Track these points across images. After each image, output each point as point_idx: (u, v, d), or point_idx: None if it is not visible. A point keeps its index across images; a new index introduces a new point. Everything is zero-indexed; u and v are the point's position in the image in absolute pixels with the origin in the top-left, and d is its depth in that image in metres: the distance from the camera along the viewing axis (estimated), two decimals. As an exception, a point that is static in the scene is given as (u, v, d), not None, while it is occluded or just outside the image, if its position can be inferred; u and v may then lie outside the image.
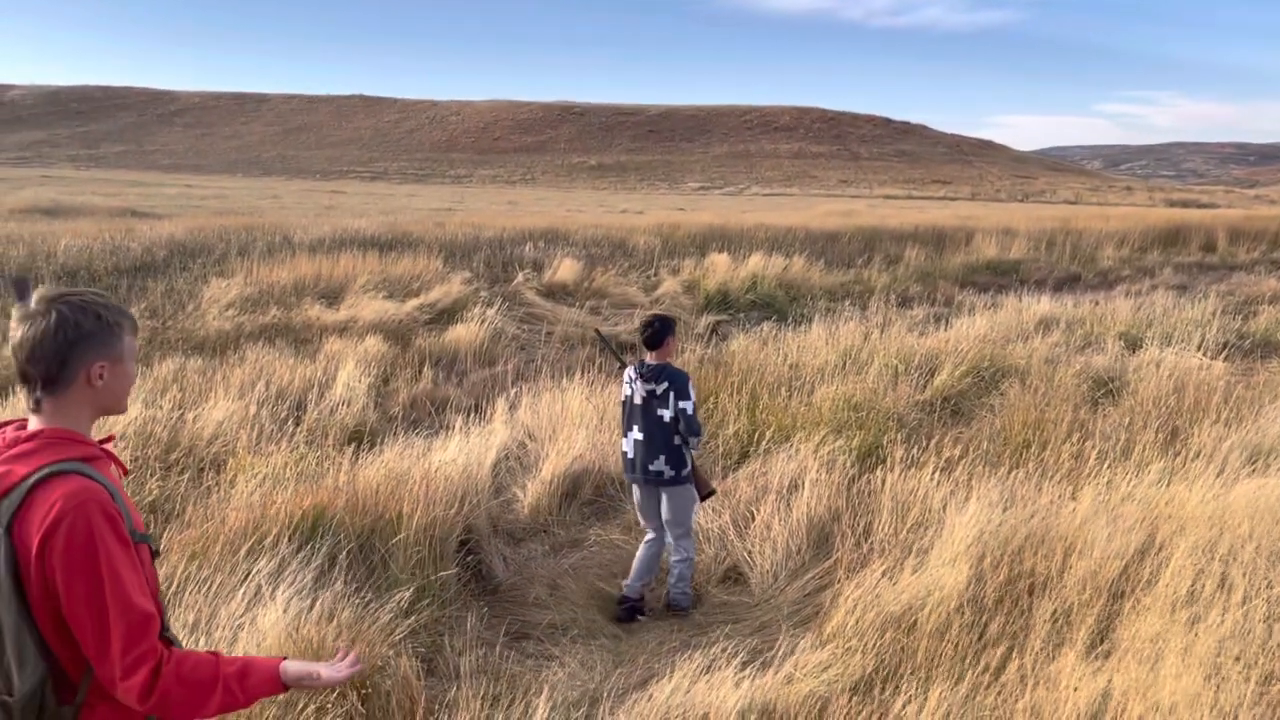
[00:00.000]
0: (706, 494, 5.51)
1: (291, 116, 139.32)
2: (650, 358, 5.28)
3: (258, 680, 2.03)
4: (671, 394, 5.18)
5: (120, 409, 2.10)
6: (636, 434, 5.30)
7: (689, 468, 5.32)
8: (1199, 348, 10.93)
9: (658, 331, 5.26)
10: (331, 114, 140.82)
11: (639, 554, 5.45)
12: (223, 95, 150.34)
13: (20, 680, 1.86)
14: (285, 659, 2.09)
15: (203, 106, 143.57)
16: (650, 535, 5.49)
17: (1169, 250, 25.92)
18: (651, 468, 5.26)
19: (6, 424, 2.05)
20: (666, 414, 5.20)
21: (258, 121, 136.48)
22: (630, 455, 5.35)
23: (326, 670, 2.11)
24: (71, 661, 1.92)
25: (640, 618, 5.22)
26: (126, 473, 2.17)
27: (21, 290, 2.17)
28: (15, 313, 1.99)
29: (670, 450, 5.24)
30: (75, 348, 1.95)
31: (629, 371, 5.37)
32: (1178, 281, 21.15)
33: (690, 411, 5.19)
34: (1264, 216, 33.91)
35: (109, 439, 2.11)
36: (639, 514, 5.56)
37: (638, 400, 5.28)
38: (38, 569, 1.86)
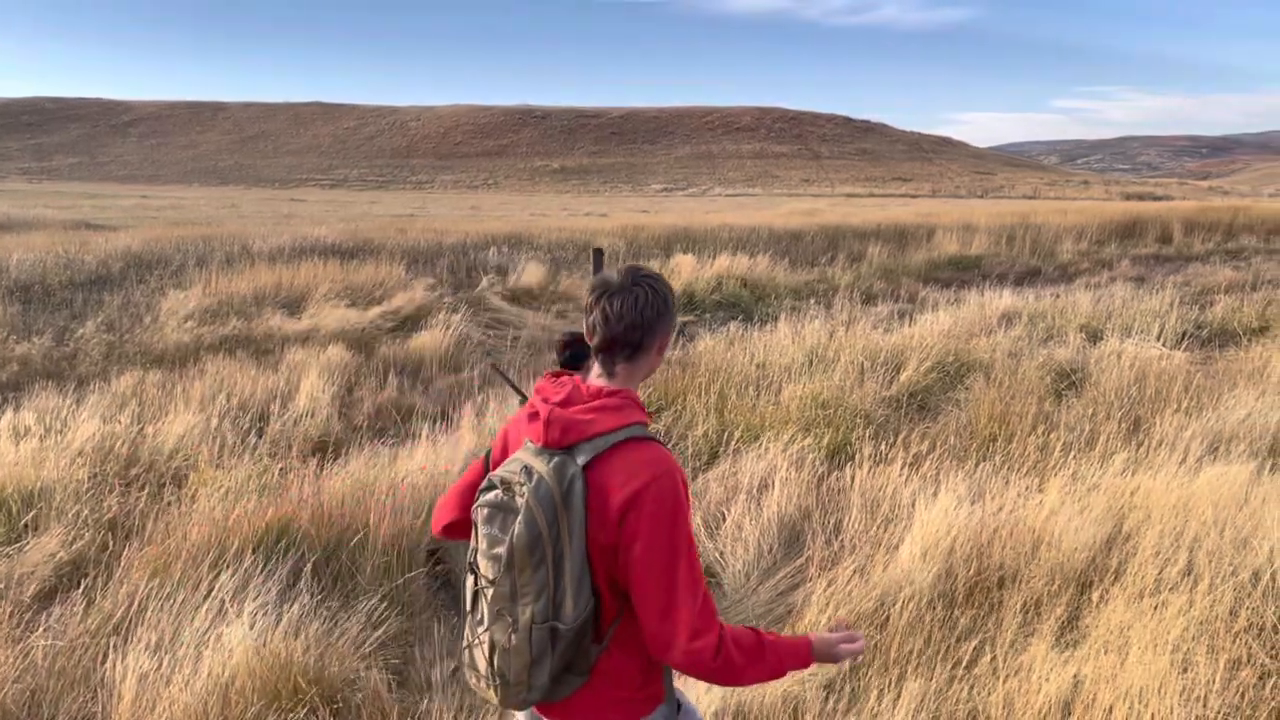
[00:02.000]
0: None
1: (249, 124, 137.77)
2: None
3: (790, 652, 2.10)
4: None
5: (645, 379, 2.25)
6: None
7: None
8: (1158, 338, 11.08)
9: (575, 354, 4.58)
10: (289, 121, 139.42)
11: None
12: (177, 104, 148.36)
13: (574, 610, 2.00)
14: (812, 635, 2.16)
15: (157, 116, 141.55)
16: None
17: (1126, 243, 26.30)
18: None
19: (558, 374, 2.21)
20: None
21: (214, 130, 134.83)
22: None
23: (845, 647, 2.16)
24: (606, 609, 2.06)
25: None
26: None
27: (598, 262, 2.26)
28: (595, 283, 2.14)
29: None
30: (661, 321, 2.12)
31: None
32: (1135, 273, 21.46)
33: None
34: (1218, 208, 34.51)
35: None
36: None
37: None
38: (614, 523, 1.99)
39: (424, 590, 5.16)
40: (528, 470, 2.03)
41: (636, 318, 2.08)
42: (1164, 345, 10.70)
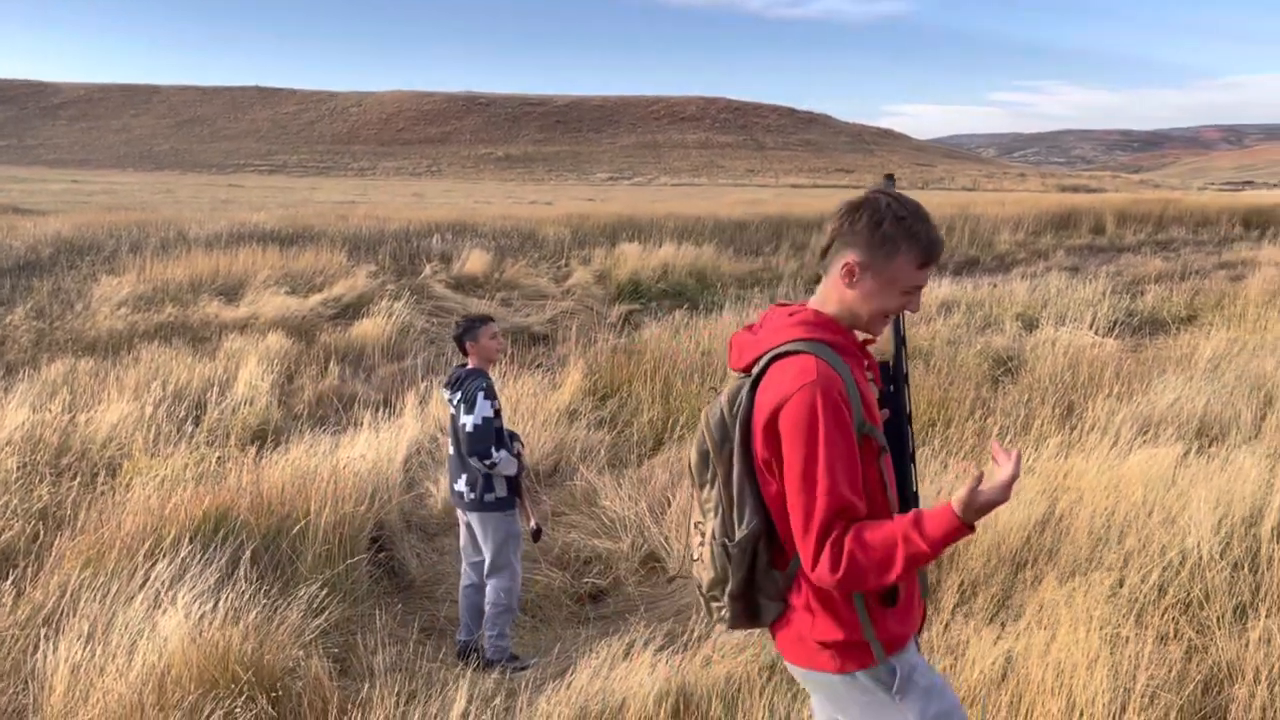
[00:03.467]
0: (534, 534, 4.70)
1: (184, 109, 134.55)
2: (469, 363, 4.70)
3: (935, 522, 1.91)
4: (462, 406, 4.50)
5: (870, 326, 2.17)
6: (450, 449, 4.73)
7: (499, 493, 4.58)
8: (1091, 326, 11.37)
9: (459, 335, 4.71)
10: (227, 106, 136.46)
11: (459, 601, 4.85)
12: (109, 87, 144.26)
13: (739, 528, 2.02)
14: (951, 501, 1.94)
15: (89, 99, 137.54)
16: (465, 580, 4.83)
17: (1061, 234, 26.87)
18: (456, 488, 4.65)
19: (786, 303, 2.22)
20: (460, 428, 4.54)
21: (148, 114, 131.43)
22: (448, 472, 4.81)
23: (987, 492, 1.92)
24: (788, 535, 2.02)
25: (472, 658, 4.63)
26: (879, 382, 2.27)
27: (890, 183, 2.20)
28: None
29: (471, 470, 4.54)
30: (866, 235, 2.09)
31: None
32: (1070, 263, 21.94)
33: (470, 428, 4.40)
34: (1149, 200, 35.43)
35: (869, 341, 2.22)
36: (460, 545, 4.94)
37: (450, 410, 4.67)
38: (762, 438, 2.01)
39: (366, 577, 5.12)
40: (716, 391, 2.15)
41: (837, 226, 2.14)
42: (1096, 333, 10.98)
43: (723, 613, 2.10)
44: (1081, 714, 3.12)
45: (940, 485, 5.29)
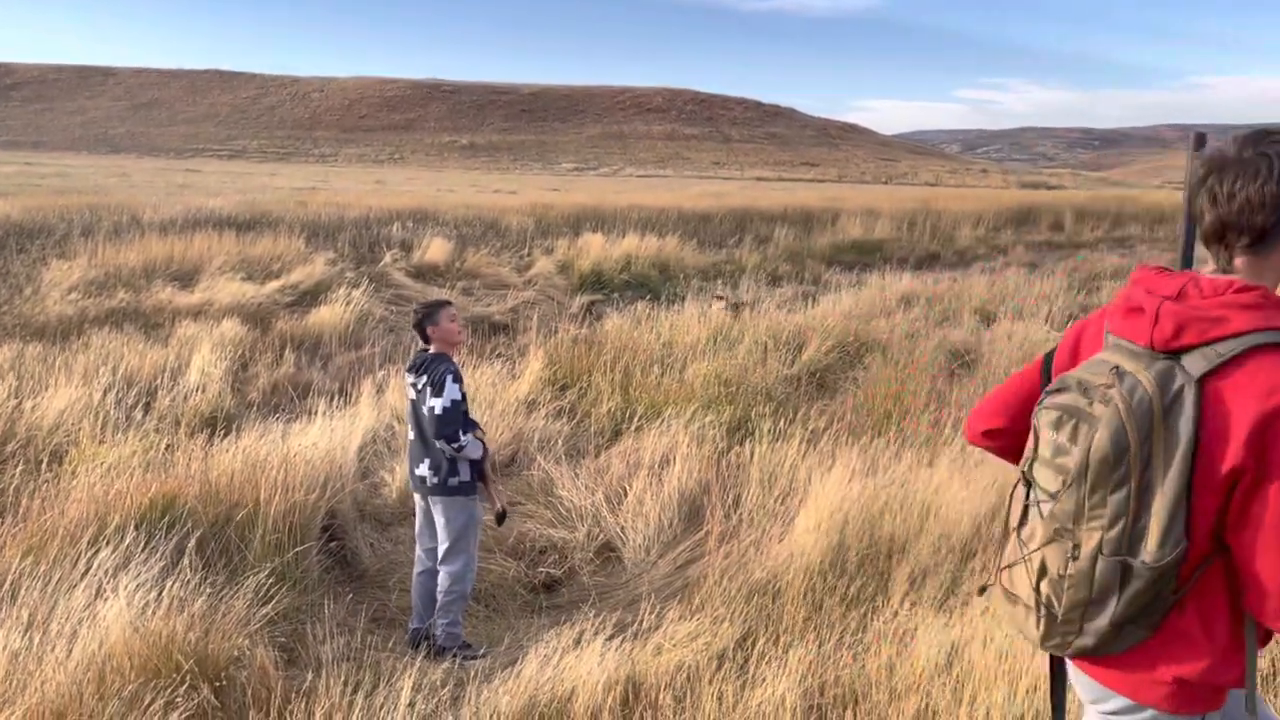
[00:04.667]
0: (498, 516, 4.76)
1: (141, 91, 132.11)
2: (431, 348, 4.69)
3: None
4: (429, 390, 4.50)
5: None
6: (410, 433, 4.71)
7: (462, 477, 4.59)
8: (1047, 320, 11.52)
9: (419, 321, 4.69)
10: (185, 89, 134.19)
11: (413, 588, 4.83)
12: (64, 68, 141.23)
13: (1158, 550, 1.65)
14: None
15: (42, 80, 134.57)
16: (419, 567, 4.80)
17: (1021, 230, 27.21)
18: (417, 472, 4.63)
19: (1163, 269, 1.82)
20: (426, 411, 4.54)
21: (104, 96, 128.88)
22: (407, 458, 4.79)
23: None
24: (1190, 553, 1.68)
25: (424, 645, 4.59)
26: None
27: (1200, 142, 1.81)
28: (1204, 160, 1.75)
29: (435, 454, 4.56)
30: None
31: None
32: (1029, 259, 22.21)
33: (440, 411, 4.42)
34: (1107, 198, 35.97)
35: None
36: (415, 531, 4.90)
37: (411, 395, 4.67)
38: (1242, 448, 1.60)
39: (317, 566, 5.07)
40: (1119, 372, 1.70)
41: (1256, 195, 1.68)
42: (1052, 327, 11.12)
43: (1080, 640, 1.77)
44: (1023, 700, 3.16)
45: (894, 476, 5.33)
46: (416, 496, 4.78)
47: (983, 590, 2.36)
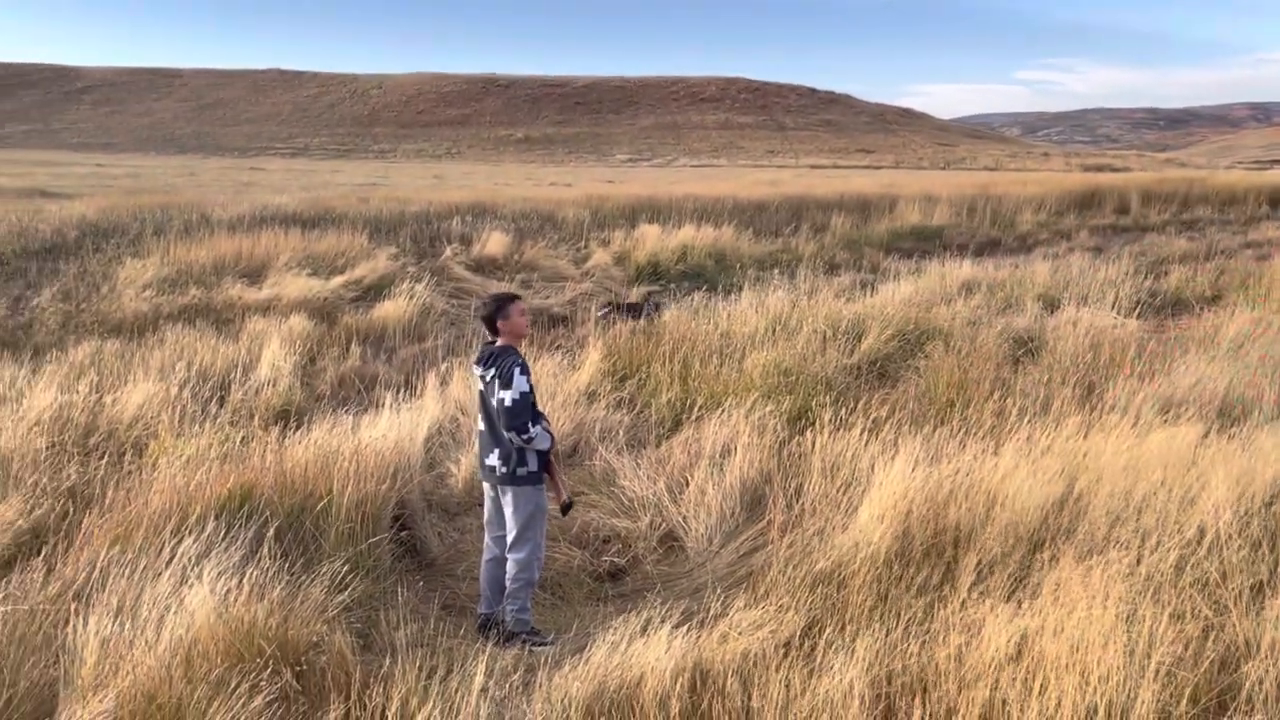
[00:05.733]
0: (563, 505, 4.84)
1: (206, 92, 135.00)
2: (499, 341, 4.74)
3: None
4: (497, 381, 4.58)
5: None
6: (480, 424, 4.80)
7: (531, 467, 4.68)
8: (1113, 307, 11.29)
9: (490, 314, 4.74)
10: (248, 89, 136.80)
11: (481, 575, 4.93)
12: (133, 71, 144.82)
13: None
14: None
15: (112, 83, 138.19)
16: (488, 554, 4.90)
17: (1085, 214, 26.63)
18: (487, 462, 4.72)
19: None
20: (495, 403, 4.61)
21: (170, 98, 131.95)
22: (476, 447, 4.86)
23: None
24: None
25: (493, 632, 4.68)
26: None
27: None
28: None
29: (504, 444, 4.64)
30: None
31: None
32: (1093, 244, 21.76)
33: (510, 403, 4.50)
34: (1174, 179, 35.00)
35: None
36: (484, 519, 4.99)
37: (480, 387, 4.74)
38: None
39: (388, 555, 5.19)
40: None
41: None
42: (1119, 314, 10.91)
43: None
44: (1095, 689, 3.14)
45: (958, 465, 5.29)
46: (486, 485, 4.88)
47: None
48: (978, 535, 4.47)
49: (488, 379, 4.66)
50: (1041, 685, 3.20)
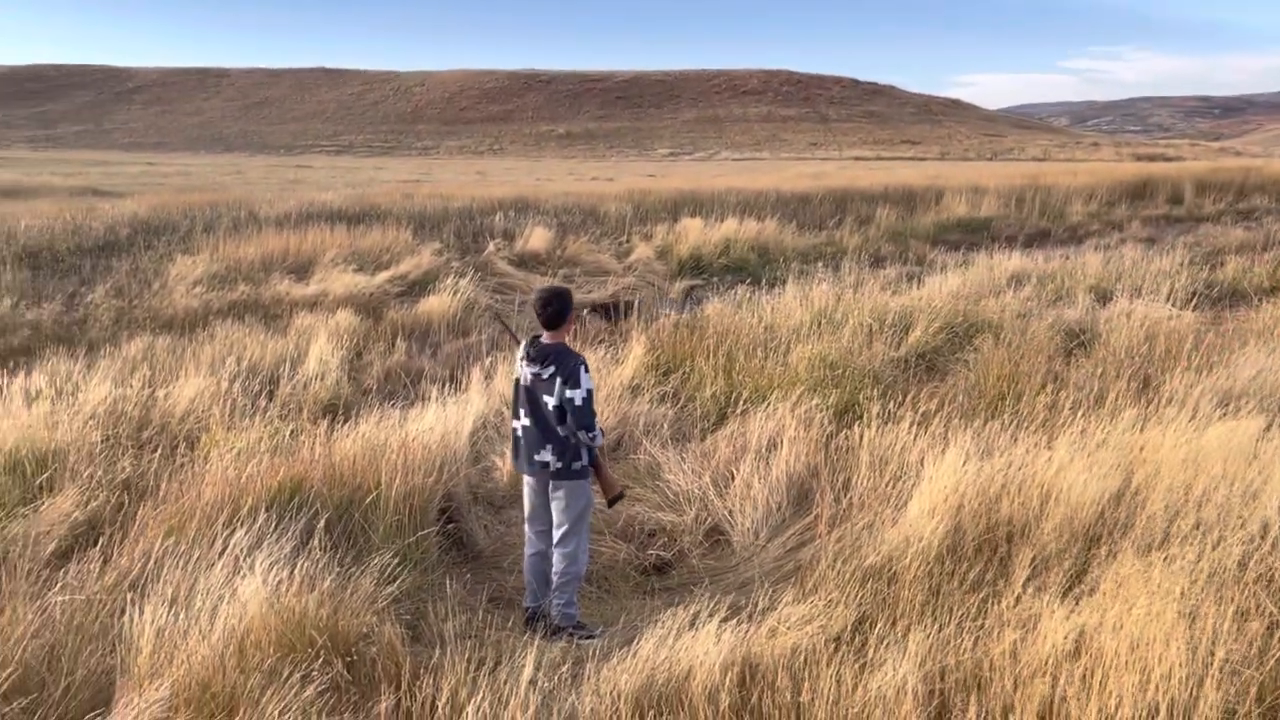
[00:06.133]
0: (613, 498, 4.85)
1: (253, 91, 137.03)
2: (546, 337, 4.69)
3: None
4: (559, 380, 4.57)
5: None
6: (524, 419, 4.73)
7: (583, 461, 4.71)
8: (1168, 298, 11.04)
9: (559, 310, 4.66)
10: (293, 87, 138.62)
11: (525, 569, 4.93)
12: (181, 71, 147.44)
13: None
14: None
15: (161, 83, 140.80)
16: (531, 549, 4.89)
17: (1137, 204, 26.12)
18: (538, 458, 4.69)
19: None
20: (551, 401, 4.59)
21: (218, 97, 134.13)
22: (520, 442, 4.80)
23: None
24: None
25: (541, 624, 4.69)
26: None
27: None
28: None
29: (558, 440, 4.65)
30: None
31: (520, 349, 4.79)
32: (1146, 234, 21.33)
33: (579, 403, 4.54)
34: (1229, 168, 34.21)
35: None
36: (525, 514, 4.95)
37: (526, 382, 4.69)
38: None
39: (435, 548, 5.22)
40: None
41: None
42: (1174, 305, 10.66)
43: None
44: (1157, 688, 3.06)
45: (1011, 458, 5.20)
46: (530, 481, 4.86)
47: None
48: (1032, 530, 4.38)
49: (545, 376, 4.63)
50: (1101, 682, 3.13)
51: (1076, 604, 3.68)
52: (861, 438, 6.03)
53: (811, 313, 9.97)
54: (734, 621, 4.03)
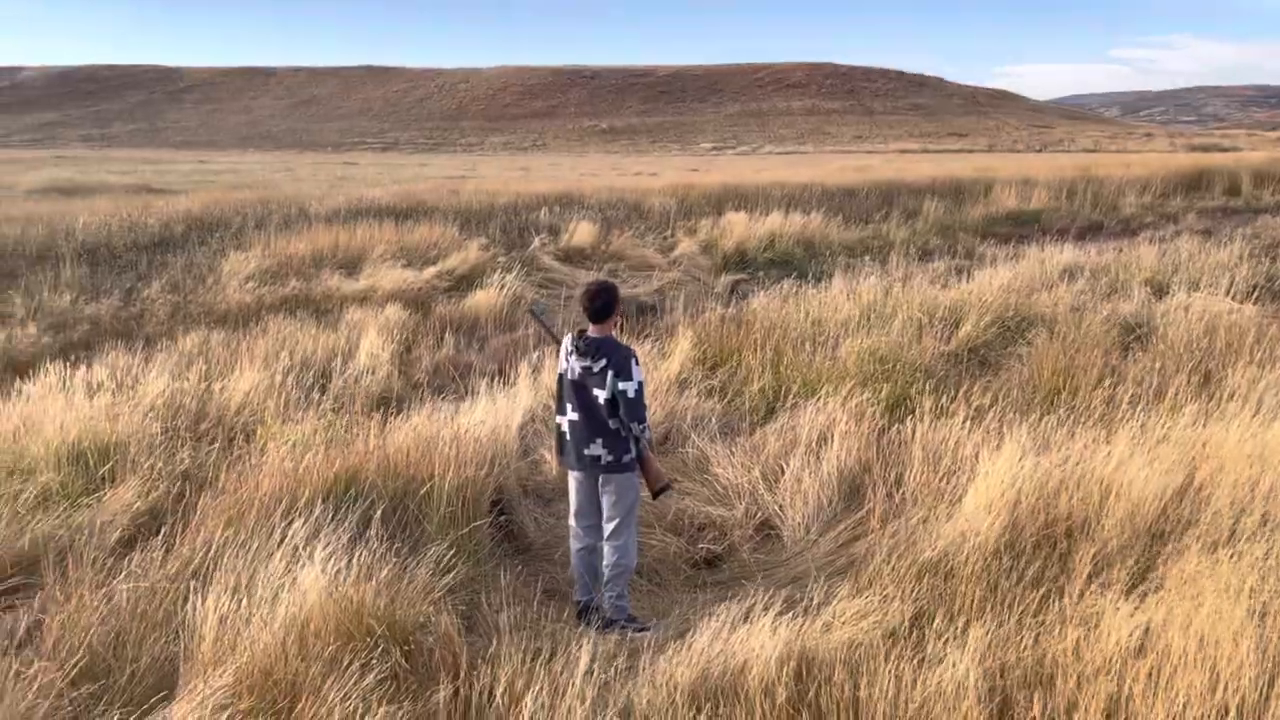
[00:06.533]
0: (660, 489, 4.83)
1: (299, 89, 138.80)
2: (592, 330, 4.70)
3: None
4: (610, 373, 4.57)
5: None
6: (572, 414, 4.72)
7: (632, 455, 4.71)
8: (1228, 291, 10.79)
9: (606, 303, 4.67)
10: (339, 85, 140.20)
11: (574, 565, 4.93)
12: (230, 70, 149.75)
13: None
14: None
15: (211, 83, 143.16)
16: (578, 543, 4.89)
17: (1192, 195, 25.57)
18: (587, 452, 4.69)
19: None
20: (602, 394, 4.59)
21: (266, 96, 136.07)
22: (566, 437, 4.80)
23: None
24: None
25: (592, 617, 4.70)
26: None
27: None
28: None
29: (609, 433, 4.65)
30: None
31: (566, 343, 4.75)
32: (1202, 226, 20.86)
33: (631, 395, 4.56)
34: (1288, 158, 33.33)
35: None
36: (572, 509, 4.95)
37: (574, 376, 4.68)
38: None
39: (488, 539, 5.26)
40: None
41: None
42: (1234, 299, 10.42)
43: None
44: (1226, 686, 3.00)
45: (1068, 454, 5.12)
46: (577, 476, 4.86)
47: None
48: (1092, 526, 4.31)
49: (595, 369, 4.62)
50: (1167, 681, 3.07)
51: (1141, 601, 3.62)
52: (914, 432, 5.98)
53: (859, 307, 9.89)
54: (788, 615, 4.01)
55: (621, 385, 4.57)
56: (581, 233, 16.85)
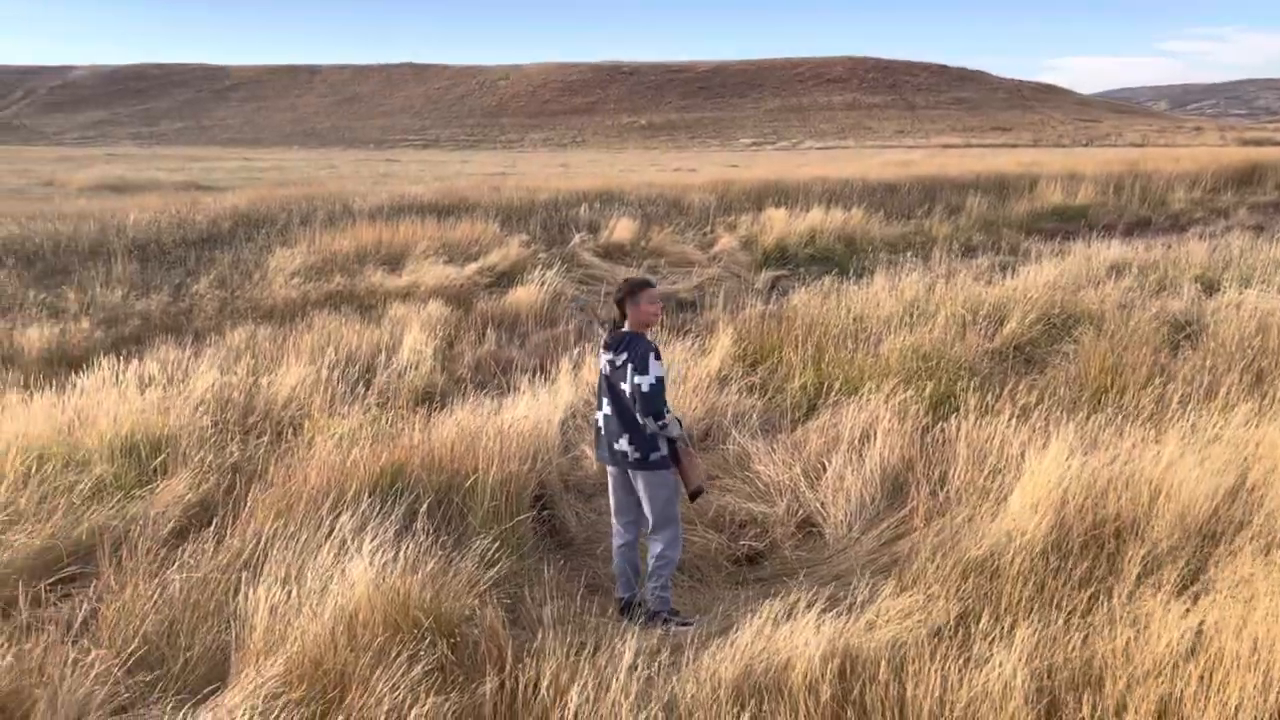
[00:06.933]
0: (695, 492, 4.76)
1: (343, 87, 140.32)
2: (627, 325, 4.74)
3: None
4: (629, 366, 4.59)
5: None
6: (605, 409, 4.76)
7: (661, 452, 4.69)
8: (1281, 289, 10.57)
9: (622, 296, 4.74)
10: (382, 83, 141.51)
11: (615, 562, 4.95)
12: (275, 68, 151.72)
13: None
14: None
15: (256, 81, 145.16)
16: (619, 539, 4.91)
17: (1243, 190, 25.03)
18: (616, 447, 4.71)
19: None
20: (626, 388, 4.61)
21: (310, 93, 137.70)
22: (601, 432, 4.83)
23: None
24: None
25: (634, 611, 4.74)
26: None
27: None
28: None
29: (635, 429, 4.65)
30: None
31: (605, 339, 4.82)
32: (1254, 222, 20.43)
33: (646, 389, 4.53)
34: (1344, 152, 32.51)
35: None
36: (611, 505, 4.98)
37: (605, 371, 4.74)
38: None
39: (531, 534, 5.30)
40: None
41: None
42: (1288, 296, 10.20)
43: None
44: (1279, 692, 2.95)
45: (1116, 453, 5.05)
46: (613, 471, 4.89)
47: None
48: (1142, 526, 4.25)
49: (618, 364, 4.66)
50: (1220, 684, 3.02)
51: (1193, 603, 3.56)
52: (958, 430, 5.92)
53: (902, 303, 9.82)
54: (831, 613, 4.00)
55: (637, 379, 4.56)
56: (621, 229, 16.88)
